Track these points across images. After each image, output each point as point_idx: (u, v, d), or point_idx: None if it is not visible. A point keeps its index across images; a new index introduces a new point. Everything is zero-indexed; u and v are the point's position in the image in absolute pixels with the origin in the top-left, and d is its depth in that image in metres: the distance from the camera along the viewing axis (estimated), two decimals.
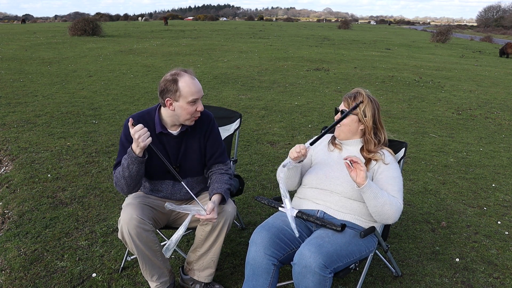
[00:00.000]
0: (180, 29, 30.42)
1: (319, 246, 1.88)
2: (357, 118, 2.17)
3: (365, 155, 2.18)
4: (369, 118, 2.16)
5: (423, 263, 2.71)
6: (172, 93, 2.08)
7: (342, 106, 2.22)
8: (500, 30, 68.36)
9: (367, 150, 2.18)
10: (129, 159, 2.03)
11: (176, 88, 2.06)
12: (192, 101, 2.08)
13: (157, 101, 2.29)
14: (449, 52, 19.89)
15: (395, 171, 2.14)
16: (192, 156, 2.26)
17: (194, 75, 2.13)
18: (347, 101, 2.19)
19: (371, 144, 2.18)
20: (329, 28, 47.65)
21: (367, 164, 2.15)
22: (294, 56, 14.21)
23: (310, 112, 6.56)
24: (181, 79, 2.07)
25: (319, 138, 2.06)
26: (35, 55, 12.96)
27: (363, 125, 2.19)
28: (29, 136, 4.94)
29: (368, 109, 2.15)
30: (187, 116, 2.12)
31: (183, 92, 2.06)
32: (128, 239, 2.04)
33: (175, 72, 2.10)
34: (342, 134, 2.23)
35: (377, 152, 2.18)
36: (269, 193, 3.66)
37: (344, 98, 2.22)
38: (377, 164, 2.15)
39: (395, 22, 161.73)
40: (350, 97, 2.19)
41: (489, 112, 7.20)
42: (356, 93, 2.19)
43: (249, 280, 1.99)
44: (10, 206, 3.29)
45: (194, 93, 2.08)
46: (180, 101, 2.08)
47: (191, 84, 2.08)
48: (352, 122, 2.18)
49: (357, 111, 2.16)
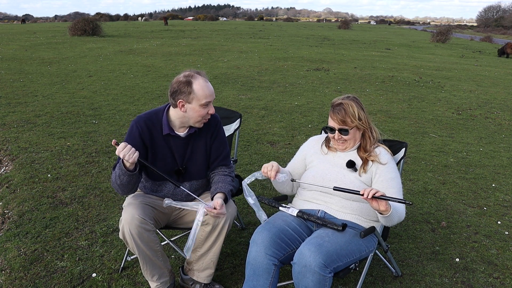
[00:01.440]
0: (180, 29, 30.42)
1: (319, 245, 1.88)
2: (356, 128, 2.14)
3: (362, 155, 2.17)
4: (364, 119, 2.15)
5: (423, 263, 2.71)
6: (185, 94, 2.07)
7: (333, 123, 2.13)
8: (500, 30, 68.37)
9: (364, 149, 2.17)
10: (119, 170, 2.01)
11: (190, 90, 2.06)
12: (205, 104, 2.09)
13: (157, 101, 2.29)
14: (449, 52, 19.89)
15: (392, 171, 2.14)
16: (198, 157, 2.26)
17: (206, 77, 2.13)
18: (338, 117, 2.09)
19: (370, 142, 2.18)
20: (329, 28, 47.65)
21: (364, 165, 2.14)
22: (294, 56, 14.21)
23: (310, 112, 6.56)
24: (195, 81, 2.06)
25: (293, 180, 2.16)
26: (35, 55, 12.96)
27: (362, 129, 2.17)
28: (29, 136, 4.94)
29: (360, 113, 2.11)
30: (198, 119, 2.13)
31: (197, 94, 2.06)
32: (130, 239, 2.04)
33: (188, 74, 2.09)
34: (350, 146, 2.19)
35: (373, 150, 2.17)
36: (269, 193, 3.66)
37: (332, 113, 2.12)
38: (374, 165, 2.14)
39: (395, 22, 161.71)
40: (340, 112, 2.09)
41: (489, 112, 7.20)
42: (341, 105, 2.11)
43: (250, 280, 1.99)
44: (10, 206, 3.29)
45: (207, 96, 2.08)
46: (193, 103, 2.08)
47: (205, 86, 2.08)
48: (355, 133, 2.16)
49: (354, 123, 2.10)
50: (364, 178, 2.14)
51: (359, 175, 2.14)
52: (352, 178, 2.13)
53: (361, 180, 2.13)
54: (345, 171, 2.17)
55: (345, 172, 2.16)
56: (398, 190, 2.09)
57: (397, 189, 2.09)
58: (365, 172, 2.14)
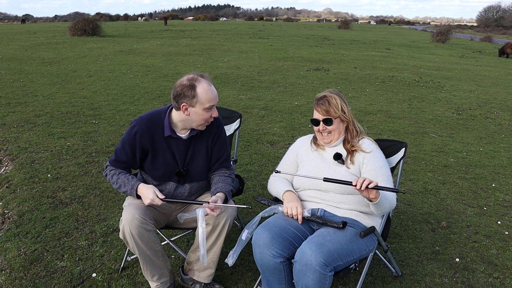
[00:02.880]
0: (180, 29, 30.42)
1: (320, 244, 1.89)
2: (339, 119, 2.19)
3: (347, 147, 2.21)
4: (348, 113, 2.20)
5: (423, 263, 2.71)
6: (189, 98, 2.05)
7: (318, 115, 2.19)
8: (500, 30, 68.36)
9: (348, 141, 2.22)
10: (127, 189, 2.11)
11: (193, 94, 2.04)
12: (208, 108, 2.08)
13: (157, 101, 2.29)
14: (449, 52, 19.88)
15: (379, 159, 2.17)
16: (199, 159, 2.26)
17: (210, 80, 2.12)
18: (322, 108, 2.16)
19: (354, 134, 2.22)
20: (329, 28, 47.65)
21: (351, 157, 2.18)
22: (294, 56, 14.21)
23: (310, 112, 6.53)
24: (199, 85, 2.05)
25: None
26: (35, 55, 12.96)
27: (346, 121, 2.21)
28: (29, 136, 4.94)
29: (343, 106, 2.18)
30: (201, 122, 2.12)
31: (201, 98, 2.04)
32: (130, 239, 2.05)
33: (192, 77, 2.07)
34: (334, 139, 2.23)
35: (357, 142, 2.21)
36: (269, 193, 3.65)
37: (316, 105, 2.20)
38: (360, 154, 2.18)
39: (395, 22, 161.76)
40: (324, 103, 2.16)
41: (489, 112, 7.20)
42: (325, 97, 2.18)
43: (265, 275, 2.08)
44: (10, 206, 3.29)
45: (211, 100, 2.07)
46: (197, 107, 2.06)
47: (209, 90, 2.06)
48: (338, 124, 2.20)
49: (337, 114, 2.16)
50: (353, 170, 2.17)
51: (347, 167, 2.17)
52: (342, 172, 2.16)
53: (351, 172, 2.16)
54: (335, 166, 2.19)
55: (335, 167, 2.19)
56: (387, 178, 2.12)
57: (386, 176, 2.12)
58: (353, 163, 2.17)
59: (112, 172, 2.18)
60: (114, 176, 2.16)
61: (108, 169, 2.20)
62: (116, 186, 2.15)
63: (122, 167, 2.20)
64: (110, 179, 2.18)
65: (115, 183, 2.15)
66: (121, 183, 2.13)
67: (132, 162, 2.20)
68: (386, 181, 2.10)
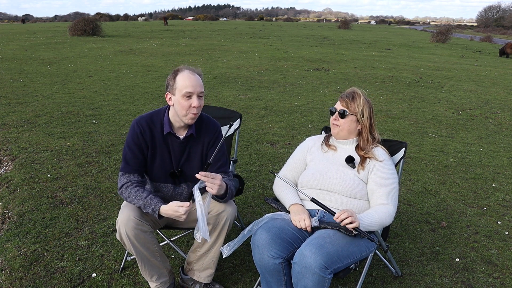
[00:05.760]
0: (180, 29, 30.42)
1: (320, 246, 1.88)
2: (355, 118, 2.20)
3: (360, 153, 2.22)
4: (366, 118, 2.21)
5: (423, 263, 2.71)
6: (170, 86, 2.09)
7: (339, 106, 2.23)
8: (500, 30, 68.36)
9: (362, 148, 2.22)
10: (148, 209, 2.03)
11: (173, 82, 2.07)
12: (186, 95, 2.04)
13: (157, 101, 2.29)
14: (449, 52, 19.89)
15: (389, 170, 2.17)
16: (194, 161, 2.25)
17: (196, 71, 2.11)
18: (345, 101, 2.20)
19: (366, 142, 2.22)
20: (329, 28, 47.65)
21: (362, 163, 2.18)
22: (294, 56, 14.21)
23: (310, 112, 6.56)
24: (180, 73, 2.07)
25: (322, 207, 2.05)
26: (35, 55, 12.96)
27: (360, 125, 2.23)
28: (29, 136, 4.94)
29: (366, 109, 2.20)
30: (183, 112, 2.07)
31: (178, 84, 2.05)
32: (126, 240, 2.04)
33: (178, 68, 2.11)
34: (341, 133, 2.24)
35: (370, 150, 2.21)
36: (269, 193, 3.66)
37: (341, 97, 2.24)
38: (372, 162, 2.18)
39: (395, 22, 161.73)
40: (348, 97, 2.21)
41: (489, 112, 7.20)
42: (353, 93, 2.22)
43: (264, 276, 2.06)
44: (10, 206, 3.29)
45: (188, 86, 2.04)
46: (176, 94, 2.07)
47: (187, 77, 2.05)
48: (351, 122, 2.21)
49: (355, 111, 2.18)
50: (362, 175, 2.17)
51: (358, 172, 2.18)
52: (351, 175, 2.16)
53: (359, 177, 2.16)
54: (345, 168, 2.20)
55: (344, 170, 2.19)
56: (392, 190, 2.13)
57: (391, 188, 2.13)
58: (363, 169, 2.18)
59: (128, 190, 2.09)
60: (131, 195, 2.08)
61: (123, 188, 2.11)
62: (138, 206, 2.07)
63: (134, 172, 2.13)
64: (127, 198, 2.10)
65: (133, 202, 2.08)
66: (141, 203, 2.06)
67: (143, 163, 2.16)
68: (390, 193, 2.11)
